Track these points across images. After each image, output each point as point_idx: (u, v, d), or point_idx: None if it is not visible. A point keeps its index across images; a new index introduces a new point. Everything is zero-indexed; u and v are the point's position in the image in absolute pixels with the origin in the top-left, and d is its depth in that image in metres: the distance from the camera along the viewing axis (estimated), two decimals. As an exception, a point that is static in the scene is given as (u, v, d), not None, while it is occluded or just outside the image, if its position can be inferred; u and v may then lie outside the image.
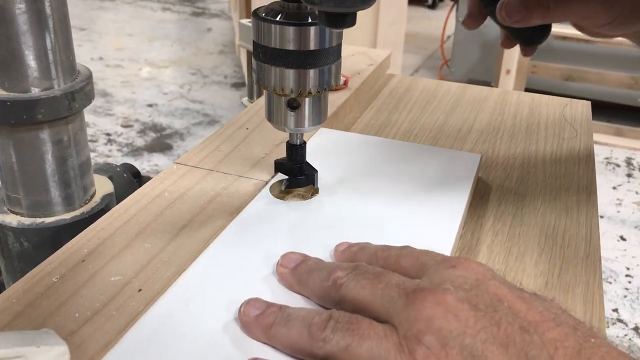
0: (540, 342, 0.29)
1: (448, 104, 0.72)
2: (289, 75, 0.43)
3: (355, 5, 0.35)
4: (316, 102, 0.45)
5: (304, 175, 0.49)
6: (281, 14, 0.42)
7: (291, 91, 0.43)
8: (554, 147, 0.63)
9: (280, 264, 0.39)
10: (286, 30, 0.41)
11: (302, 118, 0.45)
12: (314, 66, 0.43)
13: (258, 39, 0.43)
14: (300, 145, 0.48)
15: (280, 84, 0.43)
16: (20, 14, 0.47)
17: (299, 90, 0.43)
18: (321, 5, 0.35)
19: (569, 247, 0.47)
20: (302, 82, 0.43)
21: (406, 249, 0.38)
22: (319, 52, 0.42)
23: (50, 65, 0.50)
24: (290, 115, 0.45)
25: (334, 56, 0.44)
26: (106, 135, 2.42)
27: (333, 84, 0.45)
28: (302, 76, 0.43)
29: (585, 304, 0.41)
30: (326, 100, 0.47)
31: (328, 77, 0.44)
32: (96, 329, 0.35)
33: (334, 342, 0.31)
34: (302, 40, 0.42)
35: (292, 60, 0.42)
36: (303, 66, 0.42)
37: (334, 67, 0.44)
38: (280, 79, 0.43)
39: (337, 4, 0.34)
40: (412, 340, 0.30)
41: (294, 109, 0.45)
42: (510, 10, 0.48)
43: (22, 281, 0.39)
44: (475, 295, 0.31)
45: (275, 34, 0.42)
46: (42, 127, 0.51)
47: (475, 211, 0.51)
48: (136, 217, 0.46)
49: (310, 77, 0.43)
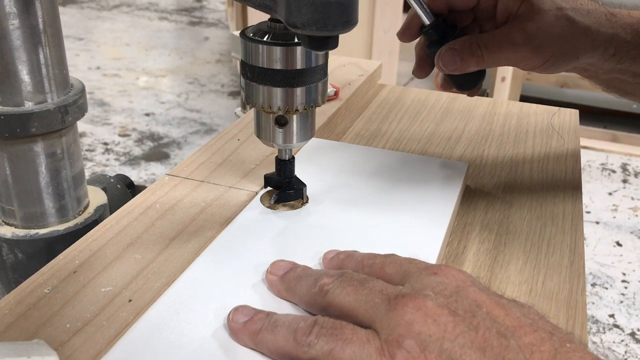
0: (517, 347, 0.30)
1: (438, 114, 0.73)
2: (277, 94, 0.44)
3: (336, 29, 0.36)
4: (304, 118, 0.46)
5: (293, 190, 0.50)
6: (268, 34, 0.43)
7: (279, 109, 0.44)
8: (542, 156, 0.64)
9: (269, 271, 0.40)
10: (273, 50, 0.42)
11: (291, 134, 0.46)
12: (301, 84, 0.44)
13: (246, 59, 0.44)
14: (289, 160, 0.49)
15: (268, 101, 0.44)
16: (13, 29, 0.48)
17: (286, 107, 0.44)
18: (304, 30, 0.36)
19: (554, 254, 0.47)
20: (290, 100, 0.44)
21: (391, 257, 0.39)
22: (305, 71, 0.43)
23: (43, 79, 0.51)
24: (279, 132, 0.46)
25: (320, 74, 0.45)
26: (103, 144, 2.43)
27: (320, 101, 0.46)
28: (290, 94, 0.44)
29: (568, 310, 0.42)
30: (314, 116, 0.48)
31: (315, 95, 0.45)
32: (86, 339, 0.36)
33: (318, 347, 0.32)
34: (289, 60, 0.43)
35: (280, 79, 0.43)
36: (290, 85, 0.43)
37: (320, 85, 0.45)
38: (268, 97, 0.44)
39: (319, 28, 0.35)
40: (393, 344, 0.31)
41: (282, 125, 0.46)
42: (446, 61, 0.51)
43: (14, 292, 0.39)
44: (454, 301, 0.32)
45: (263, 53, 0.43)
46: (35, 140, 0.52)
47: (462, 219, 0.52)
48: (127, 229, 0.46)
49: (298, 95, 0.44)
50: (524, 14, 0.50)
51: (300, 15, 0.35)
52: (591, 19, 0.50)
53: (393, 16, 2.00)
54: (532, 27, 0.49)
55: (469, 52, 0.50)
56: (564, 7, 0.50)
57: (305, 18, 0.35)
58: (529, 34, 0.49)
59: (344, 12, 0.35)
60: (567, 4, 0.50)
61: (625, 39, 0.51)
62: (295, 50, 0.42)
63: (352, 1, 0.36)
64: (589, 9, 0.51)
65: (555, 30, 0.49)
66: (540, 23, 0.49)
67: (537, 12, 0.49)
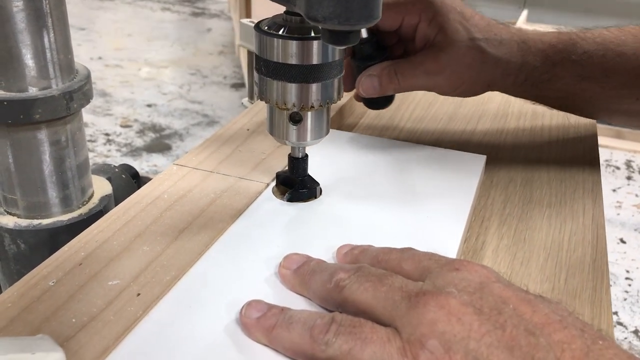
0: (547, 345, 0.28)
1: (451, 105, 0.71)
2: (292, 90, 0.42)
3: (359, 23, 0.34)
4: (319, 115, 0.45)
5: (306, 189, 0.48)
6: (284, 28, 0.41)
7: (293, 105, 0.43)
8: (558, 150, 0.62)
9: (282, 265, 0.39)
10: (289, 44, 0.41)
11: (305, 132, 0.45)
12: (316, 80, 0.42)
13: (260, 53, 0.42)
14: (302, 159, 0.48)
15: (282, 98, 0.43)
16: (17, 12, 0.47)
17: (301, 104, 0.43)
18: (325, 23, 0.34)
19: (575, 251, 0.46)
20: (305, 96, 0.43)
21: (408, 252, 0.38)
22: (321, 66, 0.42)
23: (48, 64, 0.50)
24: (293, 129, 0.45)
25: (337, 70, 0.43)
26: (105, 135, 2.41)
27: (336, 98, 0.44)
28: (305, 90, 0.42)
29: (593, 309, 0.40)
30: (329, 113, 0.46)
31: (331, 92, 0.44)
32: (93, 334, 0.34)
33: (336, 345, 0.31)
34: (304, 55, 0.41)
35: (295, 74, 0.42)
36: (306, 80, 0.42)
37: (336, 81, 0.44)
38: (282, 93, 0.43)
39: (341, 22, 0.34)
40: (416, 344, 0.30)
41: (296, 122, 0.44)
42: (366, 87, 0.54)
43: (18, 285, 0.38)
44: (479, 298, 0.31)
45: (278, 47, 0.41)
46: (39, 127, 0.51)
47: (480, 214, 0.50)
48: (135, 220, 0.45)
49: (313, 92, 0.43)
50: (439, 44, 0.53)
51: (322, 9, 0.34)
52: (502, 49, 0.54)
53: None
54: (444, 57, 0.53)
55: (387, 78, 0.53)
56: (477, 38, 0.53)
57: (326, 11, 0.34)
58: (441, 64, 0.53)
59: (366, 6, 0.34)
60: (481, 35, 0.53)
61: (535, 65, 0.55)
62: (311, 45, 0.41)
63: None
64: (502, 39, 0.54)
65: (466, 61, 0.53)
66: (453, 54, 0.52)
67: (451, 42, 0.52)
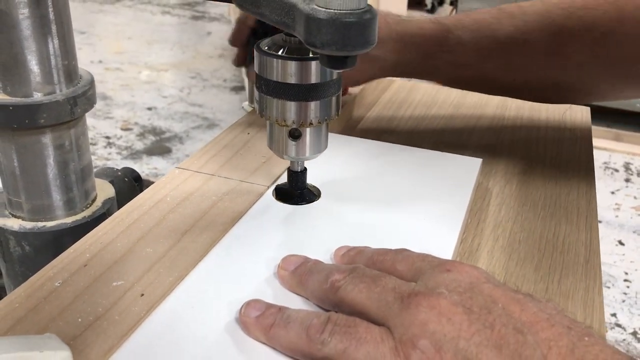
0: (534, 342, 0.29)
1: (448, 109, 0.72)
2: (291, 108, 0.44)
3: (355, 49, 0.35)
4: (317, 131, 0.46)
5: (305, 202, 0.49)
6: (283, 49, 0.43)
7: (293, 122, 0.44)
8: (554, 153, 0.63)
9: (280, 266, 0.40)
10: (288, 65, 0.42)
11: (303, 147, 0.46)
12: (315, 99, 0.43)
13: (261, 72, 0.44)
14: (301, 172, 0.49)
15: (282, 115, 0.44)
16: (23, 19, 0.48)
17: (300, 121, 0.44)
18: (323, 50, 0.35)
19: (569, 252, 0.47)
20: (304, 113, 0.44)
21: (402, 253, 0.39)
22: (320, 85, 0.43)
23: (52, 70, 0.51)
24: (292, 145, 0.46)
25: (335, 88, 0.45)
26: (105, 138, 2.42)
27: (334, 114, 0.46)
28: (304, 108, 0.44)
29: (586, 309, 0.41)
30: (327, 129, 0.47)
31: (329, 109, 0.45)
32: (99, 333, 0.35)
33: (331, 345, 0.32)
34: (303, 74, 0.42)
35: (294, 93, 0.43)
36: (304, 99, 0.43)
37: (334, 99, 0.45)
38: (281, 111, 0.44)
39: (339, 48, 0.35)
40: (407, 344, 0.30)
41: (296, 138, 0.46)
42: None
43: (24, 286, 0.39)
44: (469, 298, 0.32)
45: (277, 67, 0.42)
46: (44, 132, 0.51)
47: (476, 216, 0.51)
48: (138, 222, 0.46)
49: (312, 109, 0.44)
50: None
51: (320, 36, 0.35)
52: (380, 49, 0.56)
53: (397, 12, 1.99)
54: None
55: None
56: None
57: (325, 38, 0.35)
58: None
59: (363, 33, 0.35)
60: None
61: (409, 60, 0.59)
62: (310, 65, 0.42)
63: (372, 22, 0.35)
64: (381, 38, 0.54)
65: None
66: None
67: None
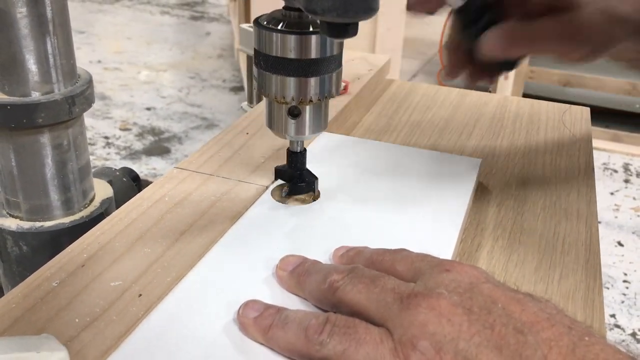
0: (535, 342, 0.29)
1: (448, 109, 0.72)
2: (290, 84, 0.43)
3: (357, 16, 0.35)
4: (317, 110, 0.46)
5: (304, 183, 0.49)
6: (282, 23, 0.42)
7: (292, 99, 0.44)
8: (554, 153, 0.63)
9: (279, 266, 0.40)
10: (287, 39, 0.42)
11: (303, 126, 0.46)
12: (315, 74, 0.43)
13: (259, 47, 0.43)
14: (300, 152, 0.48)
15: (281, 92, 0.43)
16: (21, 17, 0.47)
17: (299, 98, 0.43)
18: (323, 16, 0.35)
19: (569, 253, 0.47)
20: (303, 90, 0.43)
21: (401, 253, 0.38)
22: (320, 60, 0.42)
23: (50, 69, 0.50)
24: (291, 123, 0.45)
25: (335, 64, 0.44)
26: (104, 138, 2.42)
27: (334, 92, 0.45)
28: (303, 84, 0.43)
29: (586, 310, 0.41)
30: (327, 108, 0.47)
31: (329, 86, 0.44)
32: (96, 334, 0.35)
33: (330, 346, 0.31)
34: (303, 49, 0.42)
35: (293, 68, 0.42)
36: (304, 74, 0.43)
37: (335, 75, 0.44)
38: (281, 87, 0.43)
39: (340, 14, 0.34)
40: (407, 345, 0.30)
41: (295, 116, 0.45)
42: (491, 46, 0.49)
43: (22, 286, 0.39)
44: (469, 299, 0.32)
45: (277, 42, 0.42)
46: (42, 131, 0.51)
47: (475, 216, 0.51)
48: (136, 222, 0.46)
49: (311, 86, 0.43)
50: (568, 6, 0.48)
51: (321, 2, 0.34)
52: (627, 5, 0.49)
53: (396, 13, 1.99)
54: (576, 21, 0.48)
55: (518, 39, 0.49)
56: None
57: (326, 4, 0.34)
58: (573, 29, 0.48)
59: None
60: None
61: None
62: (310, 39, 0.42)
63: None
64: None
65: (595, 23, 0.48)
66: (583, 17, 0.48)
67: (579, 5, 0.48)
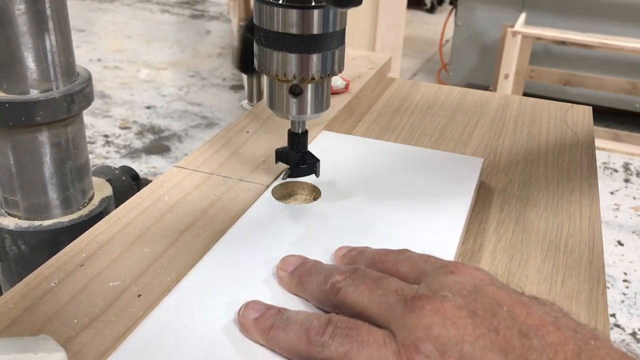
0: (540, 347, 0.29)
1: (449, 108, 0.72)
2: (292, 60, 0.42)
3: None
4: (319, 88, 0.44)
5: (306, 164, 0.48)
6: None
7: (294, 77, 0.42)
8: (556, 152, 0.62)
9: (279, 267, 0.39)
10: (289, 14, 0.40)
11: (305, 105, 0.44)
12: (317, 51, 0.42)
13: (260, 23, 0.42)
14: (302, 134, 0.47)
15: (282, 69, 0.42)
16: (19, 15, 0.47)
17: (301, 75, 0.42)
18: None
19: (572, 253, 0.46)
20: (305, 67, 0.42)
21: (404, 254, 0.38)
22: (322, 36, 0.41)
23: (49, 67, 0.50)
24: (293, 102, 0.44)
25: (338, 41, 0.43)
26: (104, 136, 2.42)
27: (337, 69, 0.44)
28: (305, 61, 0.42)
29: (589, 310, 0.41)
30: (329, 87, 0.45)
31: (331, 63, 0.43)
32: (95, 335, 0.35)
33: (332, 347, 0.31)
34: (305, 24, 0.41)
35: (295, 44, 0.41)
36: (306, 51, 0.41)
37: (337, 52, 0.43)
38: (282, 64, 0.42)
39: None
40: (411, 348, 0.30)
41: (297, 95, 0.44)
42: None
43: (20, 286, 0.38)
44: (473, 301, 0.31)
45: (278, 17, 0.41)
46: (40, 130, 0.51)
47: (478, 216, 0.50)
48: (135, 221, 0.45)
49: (314, 62, 0.42)
50: None
51: None
52: None
53: (397, 11, 1.99)
54: None
55: None
56: None
57: None
58: None
59: None
60: None
61: None
62: (312, 14, 0.40)
63: None
64: None
65: None
66: None
67: None
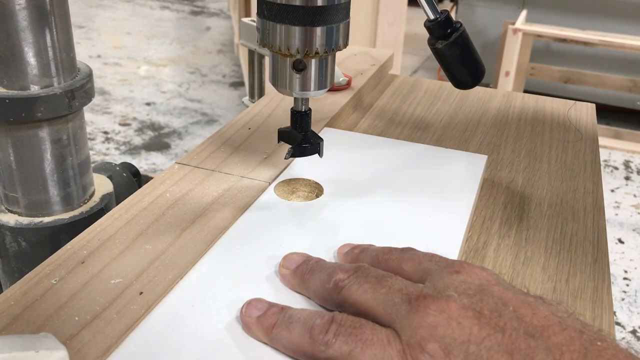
0: (546, 347, 0.28)
1: (452, 105, 0.71)
2: (295, 34, 0.41)
3: None
4: (323, 64, 0.43)
5: (309, 144, 0.47)
6: None
7: (297, 51, 0.41)
8: (559, 150, 0.62)
9: (281, 264, 0.39)
10: None
11: (308, 81, 0.43)
12: (321, 24, 0.40)
13: None
14: (305, 112, 0.46)
15: (285, 43, 0.41)
16: (20, 9, 0.46)
17: (305, 50, 0.41)
18: None
19: (577, 251, 0.46)
20: (309, 41, 0.41)
21: (408, 252, 0.38)
22: (327, 8, 0.40)
23: (50, 62, 0.49)
24: (296, 78, 0.43)
25: (343, 14, 0.42)
26: (104, 133, 2.41)
27: (341, 44, 0.43)
28: (309, 34, 0.41)
29: (595, 309, 0.40)
30: (333, 63, 0.44)
31: (336, 37, 0.42)
32: (96, 333, 0.34)
33: (336, 346, 0.31)
34: None
35: (299, 17, 0.40)
36: (310, 23, 0.40)
37: (342, 26, 0.42)
38: (286, 38, 0.41)
39: None
40: (416, 347, 0.29)
41: (300, 71, 0.43)
42: None
43: (21, 283, 0.38)
44: (479, 301, 0.31)
45: None
46: (41, 126, 0.50)
47: (481, 213, 0.50)
48: (137, 218, 0.45)
49: (318, 36, 0.41)
50: None
51: None
52: None
53: (397, 8, 1.98)
54: None
55: None
56: None
57: None
58: None
59: None
60: None
61: None
62: None
63: None
64: None
65: None
66: None
67: None
